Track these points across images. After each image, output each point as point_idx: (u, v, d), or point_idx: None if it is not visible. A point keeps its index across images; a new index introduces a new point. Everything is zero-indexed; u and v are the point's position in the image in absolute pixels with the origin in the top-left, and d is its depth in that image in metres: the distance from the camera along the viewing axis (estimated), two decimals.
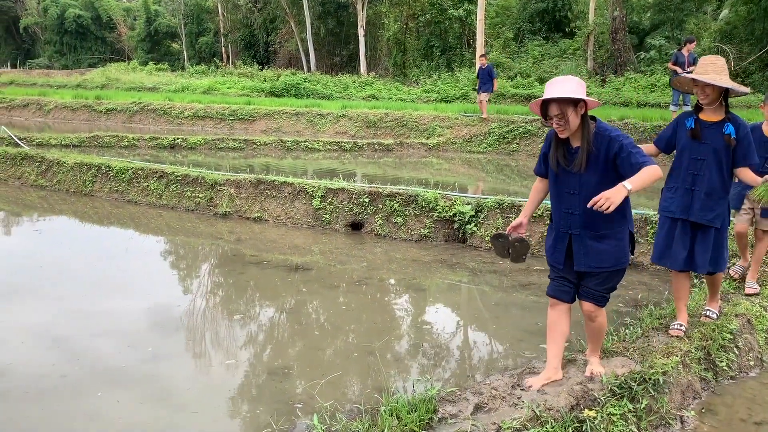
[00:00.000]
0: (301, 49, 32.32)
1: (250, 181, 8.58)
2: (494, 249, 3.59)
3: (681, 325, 4.13)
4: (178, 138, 14.28)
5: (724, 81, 3.91)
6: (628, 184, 3.01)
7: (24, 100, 23.79)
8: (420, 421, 2.97)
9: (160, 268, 6.76)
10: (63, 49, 53.76)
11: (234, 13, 37.27)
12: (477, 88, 15.70)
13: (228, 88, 25.97)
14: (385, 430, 2.87)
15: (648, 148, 4.24)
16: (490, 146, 14.52)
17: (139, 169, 9.54)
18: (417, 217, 7.36)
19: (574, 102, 3.11)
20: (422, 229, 7.29)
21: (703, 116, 4.05)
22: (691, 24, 23.46)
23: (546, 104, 3.16)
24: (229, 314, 5.30)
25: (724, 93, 3.99)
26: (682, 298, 4.24)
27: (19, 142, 12.81)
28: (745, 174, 4.09)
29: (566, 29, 26.48)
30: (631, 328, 4.20)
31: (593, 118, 3.25)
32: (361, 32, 28.97)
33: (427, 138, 15.28)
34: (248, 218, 8.34)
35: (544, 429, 2.96)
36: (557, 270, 3.47)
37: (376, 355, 4.30)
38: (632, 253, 3.41)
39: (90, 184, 9.81)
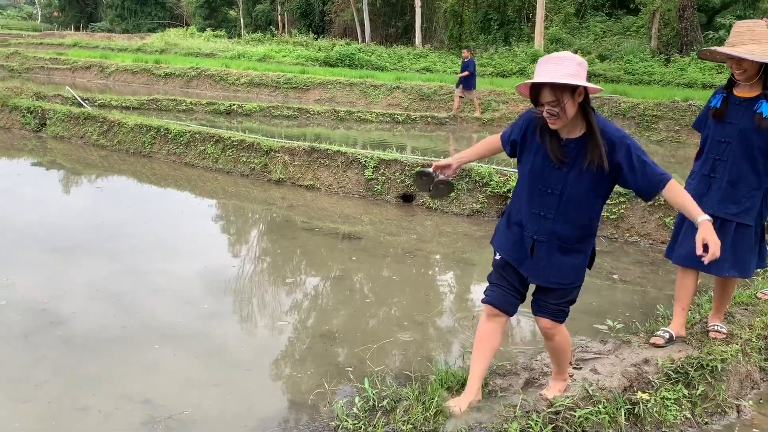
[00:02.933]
0: (356, 20, 32.15)
1: (303, 149, 8.63)
2: (415, 183, 3.24)
3: (666, 332, 3.62)
4: (234, 104, 14.45)
5: (765, 53, 3.23)
6: (704, 216, 2.61)
7: (87, 62, 24.42)
8: None
9: (213, 231, 6.90)
10: (124, 13, 54.90)
11: None
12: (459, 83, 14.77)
13: (283, 56, 26.11)
14: (435, 398, 2.88)
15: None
16: None
17: (197, 132, 9.70)
18: (469, 192, 7.29)
19: (572, 88, 2.50)
20: (474, 204, 7.22)
21: (737, 91, 3.44)
22: (766, 2, 22.31)
23: (537, 88, 2.54)
24: (279, 278, 5.39)
25: (766, 66, 3.32)
26: (680, 299, 3.67)
27: (83, 103, 13.18)
28: None
29: (630, 5, 25.59)
30: (689, 313, 4.09)
31: (593, 109, 2.66)
32: (417, 3, 28.60)
33: (482, 112, 15.06)
34: (301, 185, 8.42)
35: (596, 408, 2.92)
36: (507, 274, 2.88)
37: (425, 326, 4.31)
38: (589, 268, 2.87)
39: (149, 146, 10.05)
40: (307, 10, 37.15)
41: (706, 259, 2.55)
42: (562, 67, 2.47)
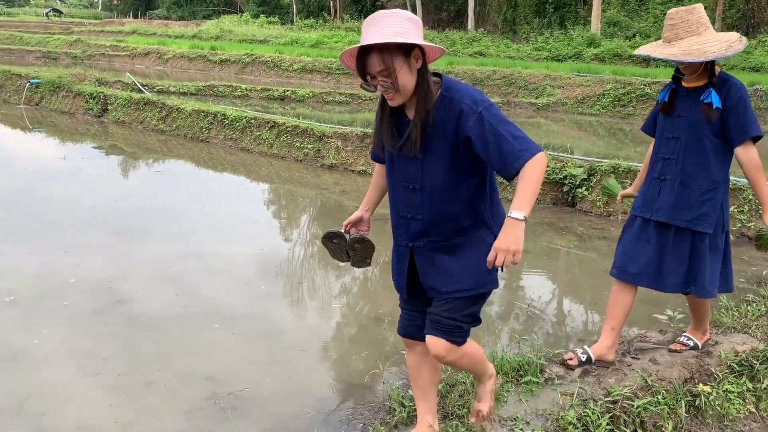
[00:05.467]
0: (408, 4, 31.96)
1: (356, 135, 8.68)
2: (330, 252, 2.59)
3: (584, 352, 3.15)
4: (287, 90, 14.62)
5: (704, 49, 2.79)
6: (517, 213, 1.96)
7: (145, 49, 25.07)
8: (525, 381, 2.96)
9: (268, 215, 7.03)
10: (180, 0, 55.91)
11: None
12: None
13: (335, 42, 26.18)
14: None
15: (649, 151, 3.25)
16: (603, 108, 13.91)
17: (253, 118, 9.87)
18: None
19: (405, 50, 1.99)
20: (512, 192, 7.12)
21: (685, 82, 3.01)
22: None
23: (364, 57, 2.03)
24: (332, 262, 5.45)
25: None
26: (611, 317, 3.16)
27: (142, 89, 13.55)
28: (748, 161, 2.88)
29: None
30: (754, 305, 3.96)
31: (437, 75, 2.14)
32: None
33: (536, 98, 14.81)
34: (353, 171, 8.47)
35: (655, 399, 2.87)
36: (403, 299, 2.48)
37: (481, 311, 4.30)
38: (502, 269, 2.14)
39: (206, 131, 10.28)
40: None
41: (488, 259, 2.02)
42: (389, 26, 1.99)
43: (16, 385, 3.23)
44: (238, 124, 9.92)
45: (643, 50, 3.03)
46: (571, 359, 3.14)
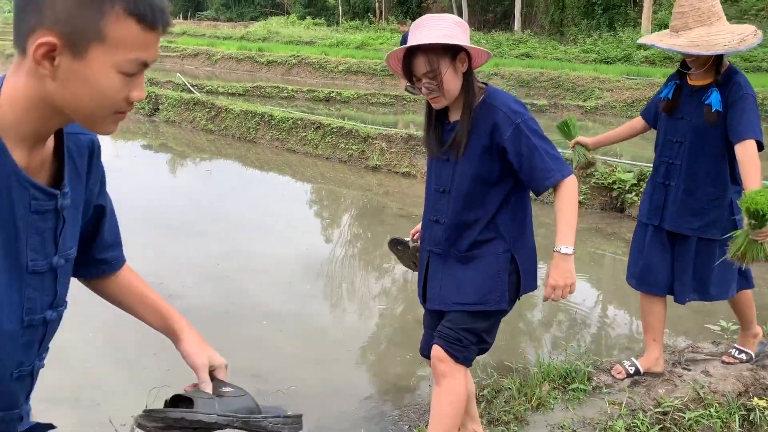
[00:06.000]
0: (453, 5, 31.84)
1: (401, 136, 8.70)
2: (397, 257, 2.62)
3: (632, 364, 3.08)
4: (333, 91, 14.74)
5: (713, 41, 2.56)
6: (566, 248, 2.02)
7: (194, 50, 25.60)
8: (572, 388, 2.92)
9: (312, 215, 7.11)
10: (229, 2, 56.87)
11: None
12: None
13: (380, 43, 26.27)
14: (537, 391, 2.86)
15: (635, 121, 3.16)
16: None
17: (299, 119, 9.99)
18: None
19: (452, 52, 2.01)
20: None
21: (691, 79, 2.78)
22: None
23: (410, 59, 2.05)
24: (377, 263, 5.48)
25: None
26: (649, 329, 3.07)
27: (192, 89, 13.85)
28: (745, 158, 2.57)
29: None
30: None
31: (485, 83, 2.15)
32: None
33: (584, 100, 14.59)
34: (397, 172, 8.49)
35: (708, 412, 2.80)
36: (426, 318, 2.38)
37: (525, 317, 4.26)
38: (518, 294, 2.20)
39: (253, 131, 10.44)
40: None
41: (544, 297, 2.09)
42: (437, 29, 2.00)
43: (73, 377, 3.35)
44: (284, 124, 10.05)
45: (647, 39, 2.83)
46: (619, 373, 3.08)
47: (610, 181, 6.78)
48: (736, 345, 3.25)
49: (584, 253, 5.85)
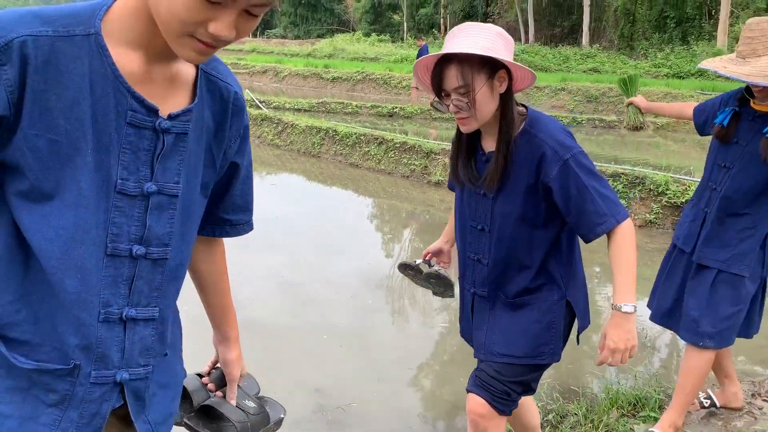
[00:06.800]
0: (520, 20, 31.61)
1: None
2: (409, 280, 2.52)
3: (708, 397, 2.96)
4: (396, 107, 14.82)
5: None
6: (627, 306, 1.75)
7: (263, 67, 26.28)
8: (642, 416, 2.80)
9: (374, 229, 7.13)
10: (296, 20, 58.33)
11: None
12: None
13: None
14: (604, 418, 2.75)
15: (687, 109, 2.91)
16: None
17: (362, 134, 10.07)
18: (643, 201, 6.87)
19: (490, 68, 1.75)
20: (648, 215, 6.78)
21: (755, 104, 2.53)
22: None
23: (441, 70, 1.78)
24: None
25: None
26: (716, 368, 2.89)
27: (260, 105, 14.20)
28: None
29: None
30: None
31: (524, 106, 1.91)
32: (586, 2, 27.51)
33: (656, 116, 14.10)
34: None
35: None
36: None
37: (591, 340, 4.12)
38: (577, 340, 2.07)
39: (318, 146, 10.60)
40: (470, 12, 37.14)
41: (597, 360, 1.83)
42: (475, 39, 1.72)
43: None
44: (348, 140, 10.15)
45: (709, 64, 2.57)
46: (692, 404, 2.92)
47: (683, 201, 6.51)
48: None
49: (654, 273, 5.63)
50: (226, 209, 1.32)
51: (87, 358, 1.06)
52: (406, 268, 2.43)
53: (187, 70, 1.11)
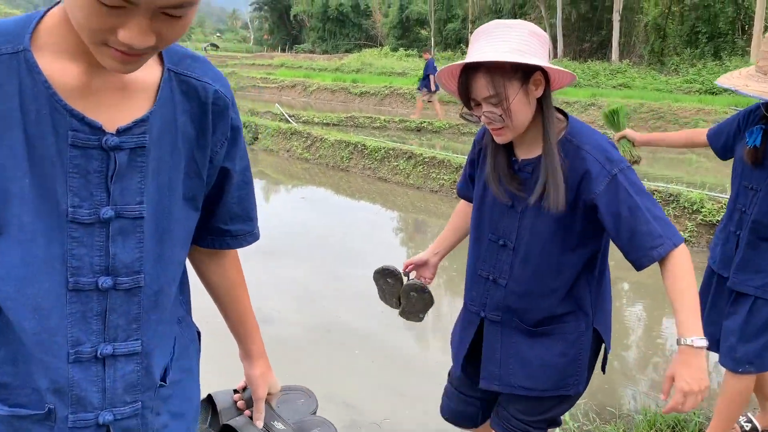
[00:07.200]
0: (548, 35, 31.53)
1: None
2: (378, 291, 2.22)
3: (748, 420, 2.93)
4: (424, 121, 14.84)
5: None
6: (699, 339, 1.51)
7: (292, 82, 26.59)
8: None
9: (403, 244, 7.11)
10: (324, 35, 58.96)
11: None
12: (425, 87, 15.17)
13: None
14: None
15: (696, 135, 2.79)
16: None
17: (391, 148, 10.10)
18: (677, 219, 6.76)
19: (525, 72, 1.57)
20: (682, 232, 6.67)
21: None
22: None
23: (467, 78, 1.59)
24: (459, 293, 5.39)
25: None
26: (757, 388, 2.81)
27: (289, 119, 14.33)
28: None
29: None
30: None
31: (563, 113, 1.72)
32: (616, 17, 27.35)
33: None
34: None
35: None
36: (456, 377, 2.05)
37: (626, 359, 4.05)
38: (603, 369, 1.90)
39: (346, 160, 10.65)
40: None
41: (667, 408, 1.59)
42: (506, 41, 1.53)
43: None
44: (377, 154, 10.19)
45: (727, 81, 2.39)
46: (732, 428, 2.85)
47: (718, 219, 6.39)
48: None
49: None
50: (223, 219, 1.21)
51: (61, 401, 0.98)
52: (386, 274, 2.15)
53: (147, 75, 0.99)
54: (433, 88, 14.94)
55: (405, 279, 2.12)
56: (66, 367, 0.96)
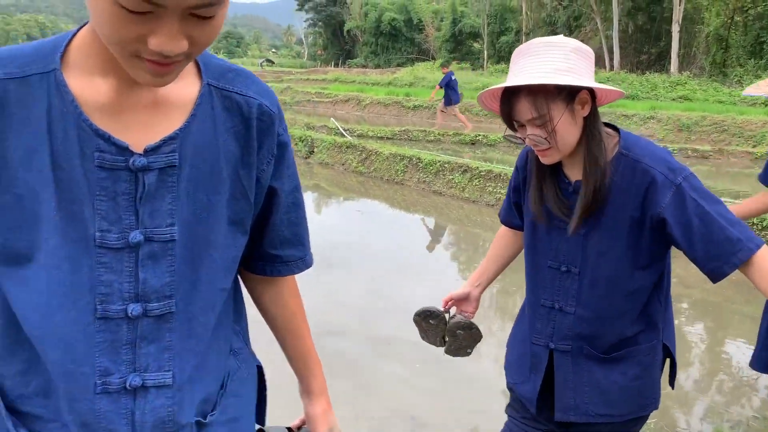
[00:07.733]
0: (604, 47, 31.00)
1: None
2: (420, 331, 2.11)
3: None
4: (479, 134, 14.79)
5: None
6: None
7: (345, 96, 26.89)
8: None
9: (454, 258, 7.09)
10: (377, 49, 59.48)
11: (538, 11, 37.35)
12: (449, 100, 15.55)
13: None
14: None
15: (763, 196, 2.50)
16: None
17: (446, 162, 10.10)
18: None
19: (569, 92, 1.51)
20: None
21: None
22: None
23: (509, 99, 1.55)
24: (514, 310, 5.32)
25: None
26: None
27: (344, 133, 14.51)
28: None
29: None
30: None
31: (613, 127, 1.65)
32: (675, 28, 26.68)
33: (754, 146, 13.45)
34: None
35: None
36: (522, 411, 1.89)
37: (697, 377, 3.93)
38: (672, 385, 1.84)
39: (401, 174, 10.70)
40: None
41: None
42: (547, 61, 1.48)
43: None
44: (431, 167, 10.20)
45: (754, 91, 2.32)
46: None
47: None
48: None
49: (751, 308, 5.31)
50: (272, 243, 1.14)
51: None
52: (426, 316, 2.04)
53: (183, 90, 0.95)
54: (457, 101, 15.58)
55: (446, 316, 2.05)
56: (92, 398, 0.92)
